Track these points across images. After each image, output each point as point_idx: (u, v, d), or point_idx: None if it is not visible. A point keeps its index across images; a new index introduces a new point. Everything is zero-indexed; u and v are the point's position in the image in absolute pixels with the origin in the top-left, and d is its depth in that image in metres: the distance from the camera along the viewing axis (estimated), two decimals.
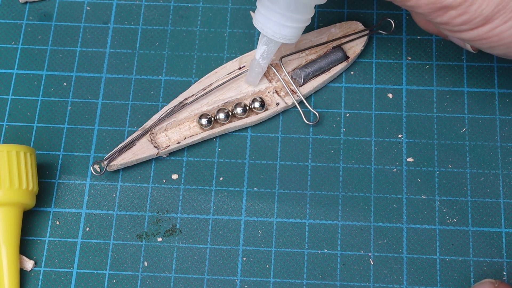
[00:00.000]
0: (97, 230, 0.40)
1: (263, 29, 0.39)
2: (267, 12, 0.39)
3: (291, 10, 0.38)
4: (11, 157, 0.39)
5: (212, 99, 0.42)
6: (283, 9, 0.38)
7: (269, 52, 0.41)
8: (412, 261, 0.39)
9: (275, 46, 0.40)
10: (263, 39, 0.40)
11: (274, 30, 0.39)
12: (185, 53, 0.44)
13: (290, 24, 0.39)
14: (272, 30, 0.39)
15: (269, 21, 0.39)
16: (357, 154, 0.41)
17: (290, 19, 0.39)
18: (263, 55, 0.41)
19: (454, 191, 0.40)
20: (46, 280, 0.39)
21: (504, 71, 0.43)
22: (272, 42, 0.40)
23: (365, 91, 0.43)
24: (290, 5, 0.38)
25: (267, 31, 0.39)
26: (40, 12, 0.46)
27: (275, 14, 0.39)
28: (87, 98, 0.43)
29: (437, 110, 0.42)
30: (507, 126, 0.42)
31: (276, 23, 0.39)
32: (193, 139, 0.41)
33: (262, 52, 0.40)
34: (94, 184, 0.41)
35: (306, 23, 0.40)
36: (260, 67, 0.41)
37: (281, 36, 0.39)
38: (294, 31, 0.39)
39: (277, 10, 0.39)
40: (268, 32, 0.39)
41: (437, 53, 0.44)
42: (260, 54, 0.41)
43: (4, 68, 0.44)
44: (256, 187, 0.41)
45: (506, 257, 0.39)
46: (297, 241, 0.40)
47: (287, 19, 0.39)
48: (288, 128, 0.42)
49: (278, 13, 0.39)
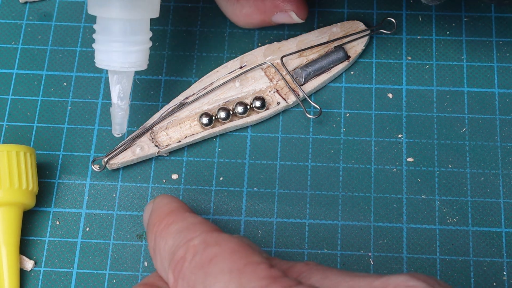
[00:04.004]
0: (97, 230, 0.40)
1: (109, 65, 0.37)
2: (106, 46, 0.37)
3: (129, 33, 0.37)
4: (11, 157, 0.38)
5: (213, 98, 0.42)
6: (120, 35, 0.37)
7: (125, 89, 0.38)
8: (412, 261, 0.39)
9: (128, 80, 0.38)
10: (114, 78, 0.38)
11: (120, 61, 0.37)
12: (185, 53, 0.44)
13: (134, 48, 0.37)
14: (118, 62, 0.37)
15: (112, 54, 0.37)
16: (357, 154, 0.41)
17: (132, 43, 0.37)
18: (120, 95, 0.38)
19: (454, 191, 0.40)
20: (46, 280, 0.39)
21: (504, 71, 0.43)
22: (124, 76, 0.38)
23: (365, 91, 0.43)
24: (126, 28, 0.37)
25: (114, 65, 0.37)
26: (40, 12, 0.46)
27: (115, 45, 0.37)
28: (87, 98, 0.43)
29: (437, 110, 0.42)
30: (507, 126, 0.42)
31: (119, 52, 0.37)
32: (193, 138, 0.41)
33: (118, 92, 0.38)
34: (94, 184, 0.41)
35: (149, 44, 0.38)
36: (122, 110, 0.39)
37: (130, 65, 0.37)
38: (141, 54, 0.38)
39: (115, 39, 0.37)
40: (115, 65, 0.37)
41: (437, 53, 0.44)
42: (116, 96, 0.38)
43: (4, 68, 0.44)
44: (256, 187, 0.41)
45: (506, 257, 0.39)
46: (297, 241, 0.40)
47: (129, 44, 0.37)
48: (288, 128, 0.42)
49: (118, 42, 0.37)
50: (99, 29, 0.38)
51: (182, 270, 0.29)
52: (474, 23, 0.44)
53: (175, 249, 0.30)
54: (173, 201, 0.33)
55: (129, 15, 0.36)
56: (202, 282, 0.28)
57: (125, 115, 0.39)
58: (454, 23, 0.45)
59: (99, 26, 0.38)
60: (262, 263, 0.28)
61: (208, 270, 0.28)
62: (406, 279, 0.27)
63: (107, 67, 0.38)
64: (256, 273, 0.27)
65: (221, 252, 0.28)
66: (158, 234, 0.31)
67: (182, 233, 0.30)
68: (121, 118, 0.39)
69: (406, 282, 0.27)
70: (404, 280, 0.27)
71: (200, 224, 0.30)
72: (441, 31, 0.44)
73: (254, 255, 0.28)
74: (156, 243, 0.31)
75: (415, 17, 0.45)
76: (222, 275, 0.27)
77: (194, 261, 0.29)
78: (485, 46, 0.44)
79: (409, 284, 0.27)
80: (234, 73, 0.42)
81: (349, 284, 0.28)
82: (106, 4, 0.36)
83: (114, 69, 0.37)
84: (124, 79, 0.38)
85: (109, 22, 0.37)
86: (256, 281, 0.27)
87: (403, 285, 0.27)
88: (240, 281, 0.27)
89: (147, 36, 0.38)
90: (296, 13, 0.41)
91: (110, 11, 0.36)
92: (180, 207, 0.32)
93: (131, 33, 0.37)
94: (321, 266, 0.30)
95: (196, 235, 0.29)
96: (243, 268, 0.28)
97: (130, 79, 0.38)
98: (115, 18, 0.37)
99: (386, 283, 0.27)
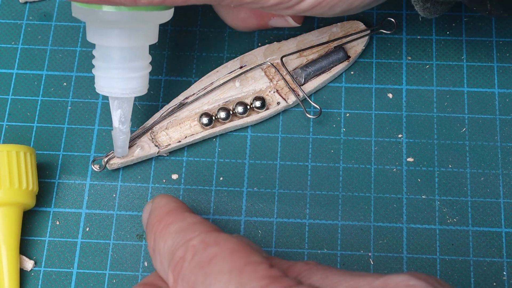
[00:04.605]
0: (97, 230, 0.40)
1: (110, 91, 0.37)
2: (106, 73, 0.37)
3: (128, 60, 0.37)
4: (11, 157, 0.38)
5: (213, 98, 0.42)
6: (120, 62, 0.37)
7: (126, 114, 0.39)
8: (412, 261, 0.39)
9: (129, 105, 0.38)
10: (115, 103, 0.38)
11: (121, 87, 0.37)
12: (185, 53, 0.44)
13: (134, 75, 0.37)
14: (119, 88, 0.37)
15: (113, 81, 0.37)
16: (357, 154, 0.41)
17: (131, 70, 0.37)
18: (121, 120, 0.38)
19: (454, 191, 0.40)
20: (46, 280, 0.39)
21: (504, 71, 0.43)
22: (124, 101, 0.38)
23: (365, 91, 0.43)
24: (125, 55, 0.37)
25: (114, 91, 0.37)
26: (40, 12, 0.46)
27: (115, 71, 0.37)
28: (87, 98, 0.43)
29: (437, 110, 0.42)
30: (507, 126, 0.42)
31: (120, 79, 0.37)
32: (193, 138, 0.41)
33: (119, 117, 0.38)
34: (94, 184, 0.41)
35: (148, 69, 0.38)
36: (123, 134, 0.39)
37: (130, 91, 0.37)
38: (141, 80, 0.38)
39: (115, 66, 0.37)
40: (116, 91, 0.37)
41: (437, 53, 0.44)
42: (118, 121, 0.38)
43: (4, 68, 0.44)
44: (256, 187, 0.41)
45: (506, 257, 0.39)
46: (297, 241, 0.40)
47: (129, 70, 0.37)
48: (288, 128, 0.42)
49: (118, 69, 0.37)
50: (99, 56, 0.37)
51: (181, 270, 0.29)
52: (474, 23, 0.44)
53: (174, 249, 0.30)
54: (172, 201, 0.33)
55: (128, 43, 0.36)
56: (202, 282, 0.28)
57: (126, 138, 0.39)
58: (454, 23, 0.45)
59: (98, 53, 0.38)
60: (262, 263, 0.28)
61: (208, 270, 0.28)
62: (407, 278, 0.27)
63: (108, 94, 0.38)
64: (256, 273, 0.27)
65: (221, 252, 0.28)
66: (158, 234, 0.31)
67: (181, 233, 0.30)
68: (122, 142, 0.39)
69: (406, 282, 0.27)
70: (404, 280, 0.27)
71: (199, 224, 0.30)
72: (441, 31, 0.44)
73: (253, 255, 0.28)
74: (155, 243, 0.31)
75: (415, 17, 0.45)
76: (222, 275, 0.28)
77: (193, 261, 0.29)
78: (485, 46, 0.44)
79: (409, 283, 0.27)
80: (234, 73, 0.42)
81: (349, 283, 0.28)
82: (105, 33, 0.36)
83: (115, 95, 0.38)
84: (125, 104, 0.38)
85: (108, 50, 0.37)
86: (256, 281, 0.27)
87: (404, 285, 0.27)
88: (240, 281, 0.27)
89: (147, 61, 0.38)
90: (293, 18, 0.41)
91: (109, 39, 0.36)
92: (179, 207, 0.32)
93: (130, 60, 0.37)
94: (321, 266, 0.30)
95: (195, 235, 0.29)
96: (243, 268, 0.28)
97: (131, 104, 0.39)
98: (114, 46, 0.37)
99: (387, 282, 0.27)
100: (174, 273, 0.29)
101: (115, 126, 0.39)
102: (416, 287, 0.27)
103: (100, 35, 0.37)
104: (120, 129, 0.39)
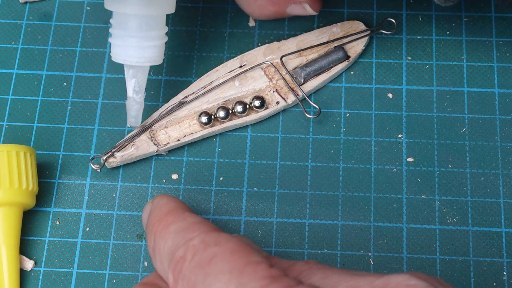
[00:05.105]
0: (97, 230, 0.40)
1: (125, 59, 0.38)
2: (122, 41, 0.38)
3: (145, 29, 0.37)
4: (11, 157, 0.38)
5: (213, 97, 0.42)
6: (136, 31, 0.37)
7: (141, 83, 0.39)
8: (412, 261, 0.39)
9: (143, 74, 0.39)
10: (130, 72, 0.39)
11: (136, 55, 0.38)
12: (185, 53, 0.44)
13: (150, 43, 0.38)
14: (135, 57, 0.38)
15: (129, 49, 0.38)
16: (357, 154, 0.41)
17: (148, 38, 0.38)
18: (136, 89, 0.39)
19: (454, 191, 0.40)
20: (46, 280, 0.39)
21: (504, 71, 0.43)
22: (139, 70, 0.39)
23: (365, 91, 0.43)
24: (142, 24, 0.37)
25: (130, 59, 0.38)
26: (40, 12, 0.46)
27: (131, 40, 0.37)
28: (87, 98, 0.43)
29: (437, 110, 0.42)
30: (507, 126, 0.42)
31: (136, 47, 0.38)
32: (193, 137, 0.41)
33: (134, 86, 0.39)
34: (94, 184, 0.41)
35: (164, 39, 0.39)
36: (137, 103, 0.39)
37: (145, 60, 0.38)
38: (156, 50, 0.38)
39: (132, 34, 0.37)
40: (132, 60, 0.38)
41: (437, 53, 0.44)
42: (132, 90, 0.39)
43: (4, 68, 0.44)
44: (256, 187, 0.41)
45: (506, 257, 0.39)
46: (297, 241, 0.40)
47: (145, 39, 0.38)
48: (288, 128, 0.42)
49: (134, 37, 0.37)
50: (115, 23, 0.38)
51: (182, 270, 0.29)
52: (474, 23, 0.45)
53: (174, 249, 0.30)
54: (172, 201, 0.33)
55: (145, 11, 0.37)
56: (202, 282, 0.28)
57: (140, 108, 0.40)
58: (454, 23, 0.45)
59: (115, 21, 0.38)
60: (262, 263, 0.28)
61: (208, 270, 0.28)
62: (407, 278, 0.27)
63: (123, 62, 0.38)
64: (256, 272, 0.27)
65: (221, 252, 0.28)
66: (158, 234, 0.31)
67: (181, 233, 0.30)
68: (136, 111, 0.40)
69: (407, 281, 0.27)
70: (405, 279, 0.27)
71: (199, 223, 0.30)
72: (441, 31, 0.44)
73: (254, 255, 0.28)
74: (155, 243, 0.31)
75: (415, 17, 0.45)
76: (222, 275, 0.27)
77: (193, 261, 0.29)
78: (485, 46, 0.44)
79: (410, 283, 0.27)
80: (233, 72, 0.42)
81: (349, 283, 0.28)
82: (122, 0, 0.37)
83: (130, 63, 0.38)
84: (139, 73, 0.39)
85: (125, 17, 0.37)
86: (256, 280, 0.27)
87: (404, 284, 0.27)
88: (240, 281, 0.27)
89: (163, 31, 0.38)
90: (310, 5, 0.41)
91: (127, 7, 0.37)
92: (179, 207, 0.32)
93: (147, 29, 0.37)
94: (321, 265, 0.30)
95: (195, 235, 0.29)
96: (243, 268, 0.28)
97: (146, 73, 0.39)
98: (132, 14, 0.37)
99: (387, 282, 0.27)
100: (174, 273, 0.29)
101: (129, 95, 0.39)
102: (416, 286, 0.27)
103: (118, 3, 0.37)
104: (134, 99, 0.39)
